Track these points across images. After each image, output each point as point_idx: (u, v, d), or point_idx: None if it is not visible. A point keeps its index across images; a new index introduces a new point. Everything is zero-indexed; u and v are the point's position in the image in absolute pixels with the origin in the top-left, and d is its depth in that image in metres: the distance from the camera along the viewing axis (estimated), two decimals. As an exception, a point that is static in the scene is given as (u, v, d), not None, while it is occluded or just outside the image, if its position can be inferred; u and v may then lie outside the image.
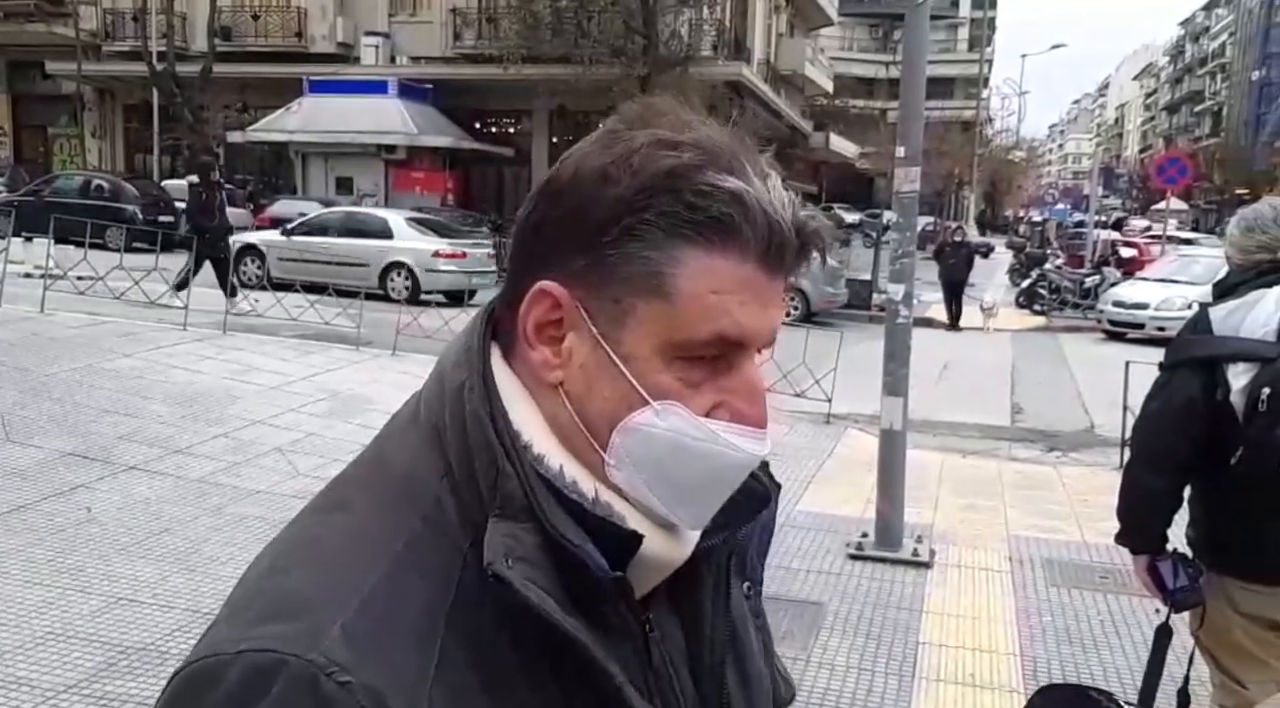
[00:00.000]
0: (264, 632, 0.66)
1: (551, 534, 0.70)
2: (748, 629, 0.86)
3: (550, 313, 0.74)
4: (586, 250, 0.72)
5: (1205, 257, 18.81)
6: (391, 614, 0.68)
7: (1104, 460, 8.16)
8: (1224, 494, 2.51)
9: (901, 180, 5.60)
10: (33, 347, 8.54)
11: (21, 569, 4.51)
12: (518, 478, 0.72)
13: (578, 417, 0.74)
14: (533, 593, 0.68)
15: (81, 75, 27.69)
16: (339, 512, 0.75)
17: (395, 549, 0.70)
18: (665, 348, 0.72)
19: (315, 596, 0.68)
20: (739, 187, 0.71)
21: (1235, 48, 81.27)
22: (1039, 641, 4.59)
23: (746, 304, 0.72)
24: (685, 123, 0.73)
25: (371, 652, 0.66)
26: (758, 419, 0.75)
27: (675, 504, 0.75)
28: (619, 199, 0.70)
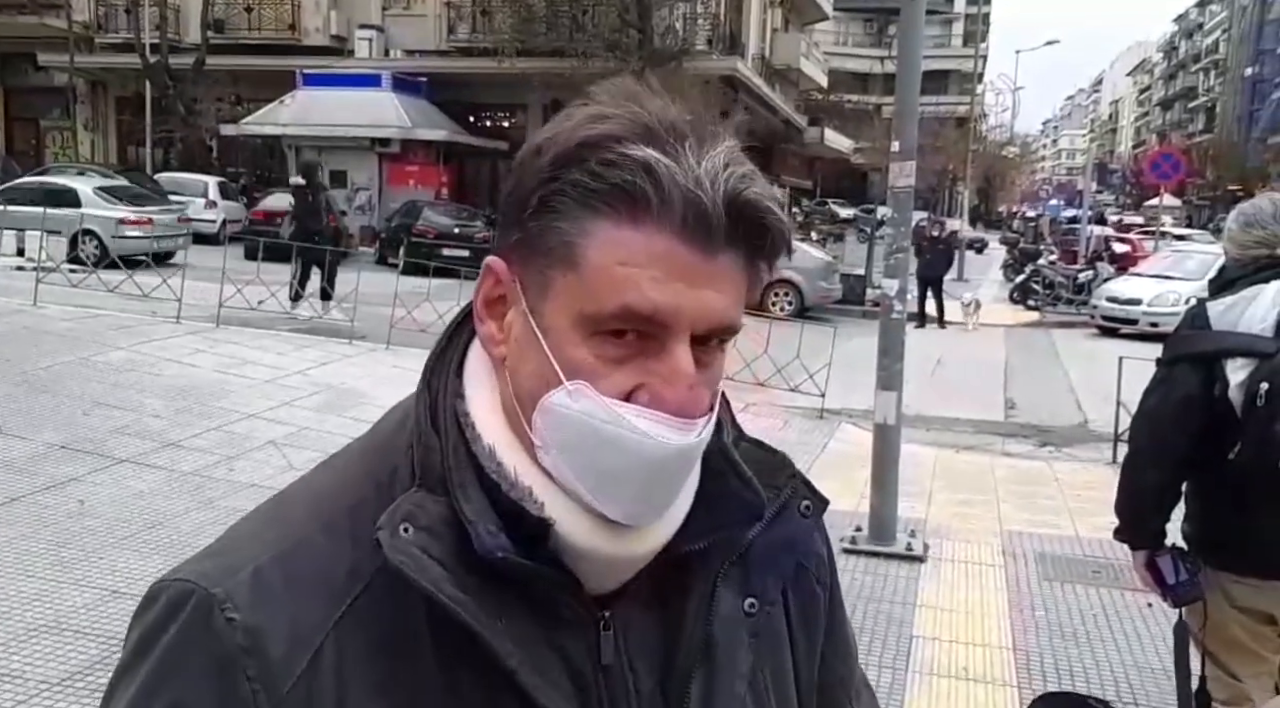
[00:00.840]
0: (196, 566, 0.73)
1: (455, 508, 0.71)
2: (734, 645, 0.81)
3: (495, 288, 0.75)
4: (518, 224, 0.72)
5: (1198, 252, 18.88)
6: (308, 568, 0.72)
7: (1097, 456, 8.18)
8: (1221, 489, 2.51)
9: (896, 175, 5.60)
10: (25, 339, 8.51)
11: (14, 562, 4.50)
12: (440, 451, 0.73)
13: (515, 394, 0.74)
14: (408, 559, 0.68)
15: (74, 67, 27.50)
16: (322, 470, 0.81)
17: (338, 510, 0.74)
18: (578, 321, 0.70)
19: (248, 539, 0.75)
20: (648, 156, 0.68)
21: (1229, 44, 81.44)
22: (1032, 635, 4.60)
23: (661, 281, 0.68)
24: (634, 99, 0.71)
25: (271, 598, 0.70)
26: (677, 404, 0.70)
27: (598, 492, 0.71)
28: (539, 170, 0.71)
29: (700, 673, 0.79)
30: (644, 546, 0.75)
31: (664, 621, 0.80)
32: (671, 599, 0.80)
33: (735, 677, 0.81)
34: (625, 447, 0.70)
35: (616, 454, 0.70)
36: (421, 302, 10.67)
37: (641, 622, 0.79)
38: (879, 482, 5.69)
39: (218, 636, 0.69)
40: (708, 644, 0.79)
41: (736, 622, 0.81)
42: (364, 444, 0.81)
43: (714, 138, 0.71)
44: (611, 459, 0.70)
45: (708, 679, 0.79)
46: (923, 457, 7.66)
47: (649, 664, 0.79)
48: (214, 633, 0.69)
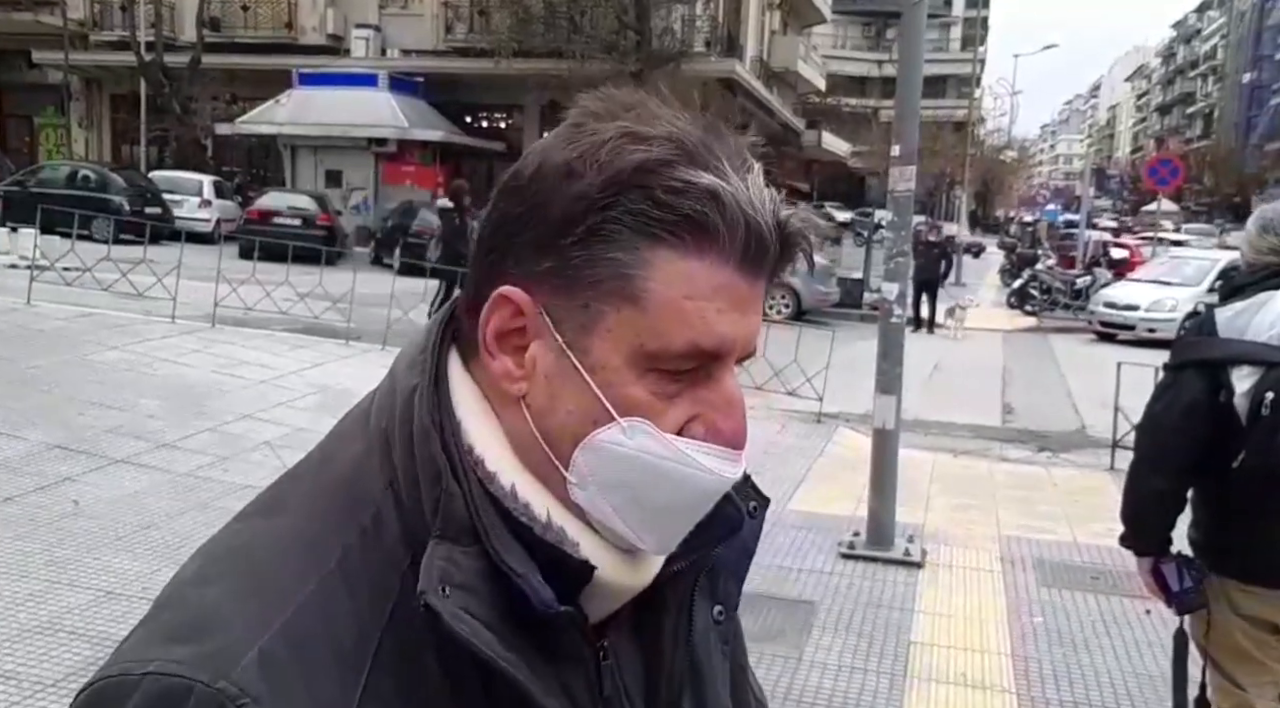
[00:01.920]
0: (175, 653, 0.61)
1: (495, 561, 0.66)
2: (711, 658, 0.81)
3: (512, 320, 0.69)
4: (550, 252, 0.66)
5: (1196, 259, 18.91)
6: (315, 639, 0.64)
7: (1095, 461, 8.17)
8: (1226, 497, 2.50)
9: (897, 179, 5.58)
10: (19, 338, 8.47)
11: (8, 563, 4.46)
12: (463, 497, 0.67)
13: (539, 431, 0.69)
14: (465, 625, 0.63)
15: (69, 65, 27.44)
16: (275, 516, 0.71)
17: (327, 565, 0.66)
18: (637, 358, 0.66)
19: (234, 613, 0.64)
20: (715, 183, 0.65)
21: (1226, 50, 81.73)
22: (1030, 641, 4.59)
23: (724, 312, 0.66)
24: (655, 115, 0.68)
25: (288, 681, 0.61)
26: (734, 435, 0.69)
27: (641, 529, 0.69)
28: (583, 196, 0.65)
29: (689, 692, 0.78)
30: (650, 573, 0.75)
31: (644, 643, 0.79)
32: (647, 620, 0.79)
33: (719, 688, 0.82)
34: (686, 483, 0.68)
35: (673, 490, 0.69)
36: (418, 303, 10.67)
37: (626, 648, 0.77)
38: (877, 487, 5.67)
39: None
40: (692, 663, 0.79)
41: (711, 633, 0.81)
42: (323, 481, 0.72)
43: (741, 154, 0.69)
44: (666, 495, 0.69)
45: (696, 697, 0.79)
46: (920, 462, 7.64)
47: (639, 688, 0.78)
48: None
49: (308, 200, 21.31)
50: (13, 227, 13.68)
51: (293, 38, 27.91)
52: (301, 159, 25.24)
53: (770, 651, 4.26)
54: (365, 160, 24.75)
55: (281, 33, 28.01)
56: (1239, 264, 2.77)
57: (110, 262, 11.25)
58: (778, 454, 7.50)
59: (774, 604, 4.80)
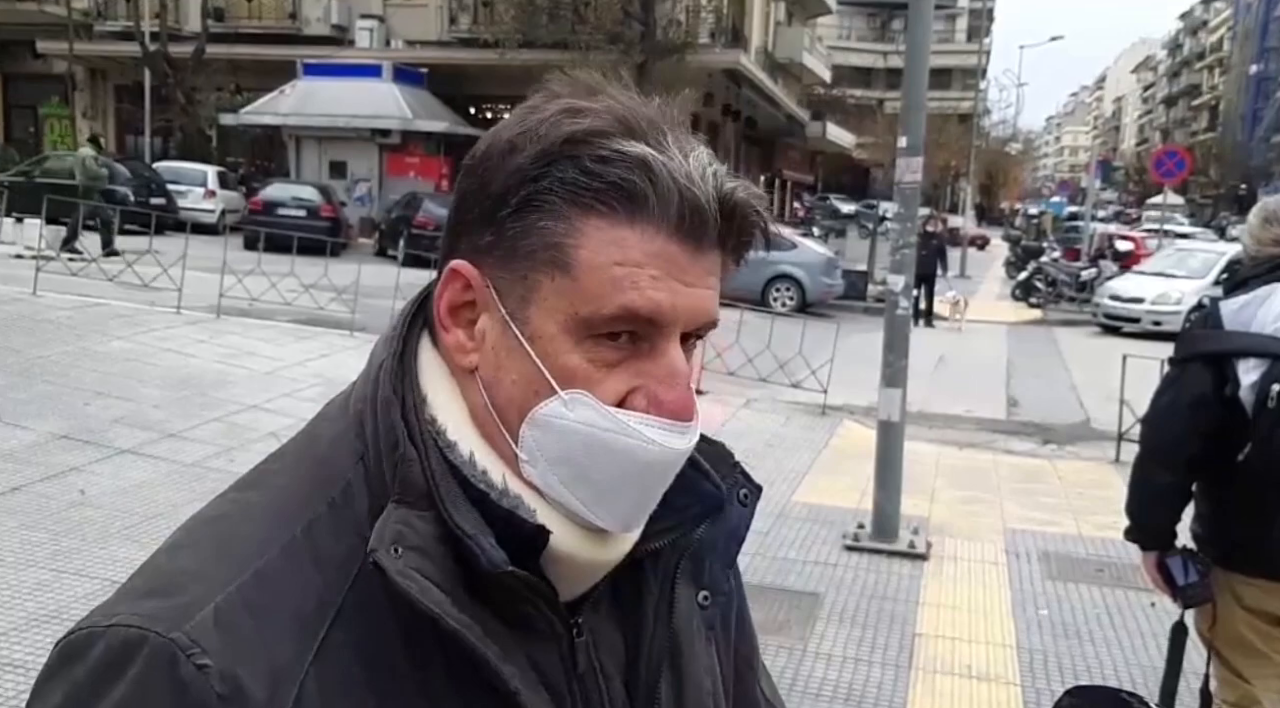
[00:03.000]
0: (137, 607, 0.65)
1: (448, 524, 0.67)
2: (693, 640, 0.80)
3: (463, 294, 0.71)
4: (491, 225, 0.69)
5: (1201, 251, 18.86)
6: (272, 600, 0.65)
7: (1099, 454, 8.16)
8: (1231, 490, 2.50)
9: (903, 170, 5.57)
10: (25, 328, 8.49)
11: (15, 552, 4.48)
12: (420, 463, 0.68)
13: (491, 404, 0.70)
14: (412, 583, 0.64)
15: (73, 55, 27.43)
16: (251, 490, 0.74)
17: (293, 533, 0.68)
18: (571, 325, 0.67)
19: (196, 574, 0.66)
20: (644, 152, 0.66)
21: (1233, 42, 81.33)
22: (1035, 633, 4.59)
23: (659, 279, 0.67)
24: (602, 92, 0.70)
25: (240, 636, 0.63)
26: (676, 405, 0.69)
27: (594, 504, 0.69)
28: (518, 168, 0.67)
29: (667, 673, 0.78)
30: (620, 549, 0.75)
31: (624, 622, 0.79)
32: (628, 599, 0.79)
33: (699, 672, 0.81)
34: (630, 455, 0.69)
35: (619, 463, 0.69)
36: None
37: (604, 625, 0.78)
38: (882, 479, 5.67)
39: (187, 687, 0.61)
40: (673, 645, 0.79)
41: (694, 617, 0.80)
42: (299, 456, 0.75)
43: (687, 132, 0.70)
44: (612, 468, 0.69)
45: (675, 678, 0.79)
46: (925, 454, 7.64)
47: (617, 668, 0.78)
48: (182, 685, 0.61)
49: (312, 191, 21.30)
50: (18, 217, 13.68)
51: (297, 28, 27.88)
52: (306, 150, 25.21)
53: (775, 642, 4.26)
54: (369, 151, 24.71)
55: (286, 23, 27.98)
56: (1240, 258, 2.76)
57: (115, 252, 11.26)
58: (782, 447, 7.50)
59: (779, 596, 4.81)
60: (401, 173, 24.38)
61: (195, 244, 11.31)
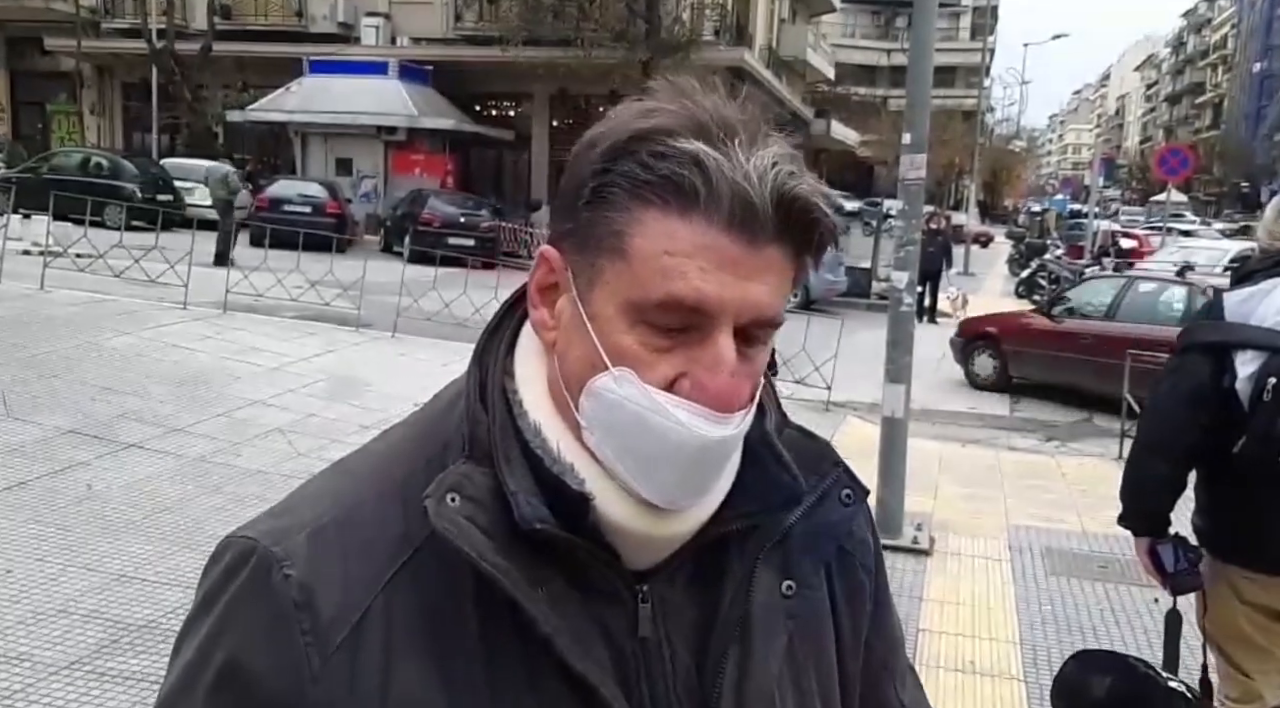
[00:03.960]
0: (260, 524, 0.78)
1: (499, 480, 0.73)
2: (770, 625, 0.82)
3: (548, 276, 0.77)
4: (570, 214, 0.75)
5: (1206, 249, 18.82)
6: (360, 533, 0.75)
7: (1102, 451, 8.17)
8: (1227, 483, 2.50)
9: (907, 167, 5.58)
10: (33, 324, 8.52)
11: (22, 545, 4.51)
12: (486, 424, 0.76)
13: (562, 376, 0.76)
14: (453, 526, 0.71)
15: (80, 52, 27.47)
16: (380, 441, 0.85)
17: (393, 480, 0.78)
18: (625, 308, 0.72)
19: (306, 503, 0.79)
20: (698, 149, 0.70)
21: (1237, 40, 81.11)
22: (1038, 629, 4.60)
23: (709, 271, 0.70)
24: (687, 94, 0.74)
25: (325, 556, 0.74)
26: (719, 393, 0.72)
27: (638, 476, 0.74)
28: (590, 162, 0.73)
29: (735, 651, 0.80)
30: (681, 526, 0.77)
31: (702, 600, 0.81)
32: (710, 579, 0.82)
33: (770, 656, 0.82)
34: (663, 434, 0.72)
35: (655, 441, 0.72)
36: (427, 290, 10.67)
37: (680, 599, 0.80)
38: (886, 475, 5.68)
39: (274, 591, 0.73)
40: (744, 624, 0.81)
41: (774, 603, 0.82)
42: (418, 418, 0.84)
43: (765, 136, 0.73)
44: (650, 445, 0.73)
45: (743, 658, 0.81)
46: (928, 450, 7.65)
47: (686, 641, 0.80)
48: (271, 589, 0.73)
49: (318, 188, 21.32)
50: (25, 213, 13.71)
51: (303, 26, 27.91)
52: (312, 147, 25.24)
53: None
54: (375, 148, 24.73)
55: (292, 20, 28.01)
56: (1248, 253, 2.77)
57: (122, 248, 11.30)
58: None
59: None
60: (407, 170, 24.39)
61: (202, 240, 11.33)
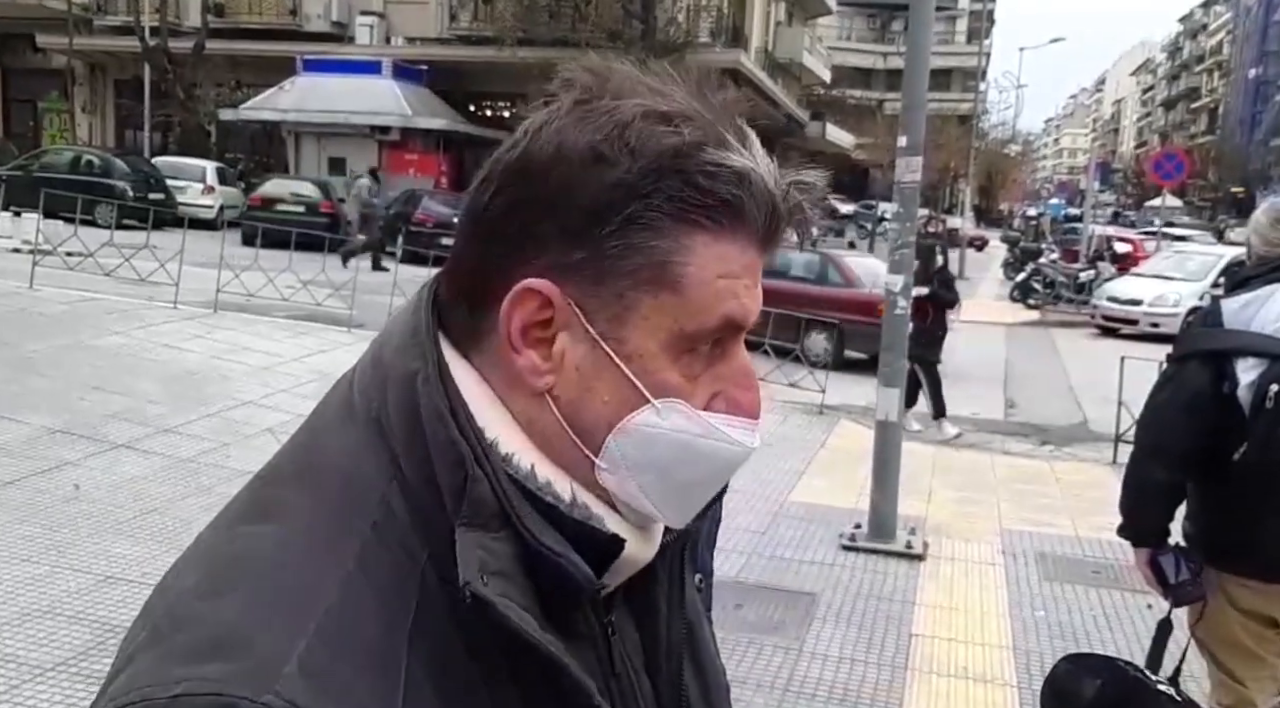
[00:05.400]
0: (205, 671, 0.57)
1: (530, 543, 0.64)
2: (702, 623, 0.82)
3: (539, 313, 0.66)
4: (583, 242, 0.64)
5: (1200, 254, 18.86)
6: (349, 642, 0.60)
7: (1097, 456, 8.17)
8: (1225, 490, 2.48)
9: (903, 170, 5.56)
10: (21, 322, 8.47)
11: (8, 546, 4.46)
12: (489, 482, 0.64)
13: (568, 423, 0.67)
14: (513, 613, 0.62)
15: (72, 50, 27.37)
16: (272, 521, 0.66)
17: (346, 567, 0.62)
18: (675, 342, 0.66)
19: (260, 624, 0.59)
20: (745, 165, 0.66)
21: (1233, 45, 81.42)
22: (1032, 634, 4.58)
23: (751, 288, 0.68)
24: (657, 89, 0.67)
25: (331, 687, 0.58)
26: (752, 406, 0.71)
27: (664, 504, 0.70)
28: (620, 183, 0.63)
29: (687, 659, 0.79)
30: (656, 544, 0.75)
31: (638, 614, 0.78)
32: (637, 592, 0.78)
33: (713, 654, 0.83)
34: (715, 456, 0.70)
35: (704, 465, 0.70)
36: (420, 290, 10.61)
37: (624, 620, 0.77)
38: (880, 479, 5.66)
39: None
40: (689, 633, 0.80)
41: (696, 600, 0.82)
42: (317, 476, 0.67)
43: (737, 121, 0.69)
44: (694, 470, 0.70)
45: (694, 662, 0.80)
46: (922, 454, 7.64)
47: (639, 661, 0.77)
48: None
49: (311, 187, 21.27)
50: (16, 211, 13.65)
51: (297, 24, 27.85)
52: (305, 146, 25.21)
53: (771, 642, 4.25)
54: (368, 148, 24.69)
55: (286, 19, 27.94)
56: (1243, 258, 2.75)
57: (113, 247, 11.25)
58: (779, 446, 7.49)
59: (775, 596, 4.80)
60: (401, 169, 24.36)
61: (193, 239, 11.29)
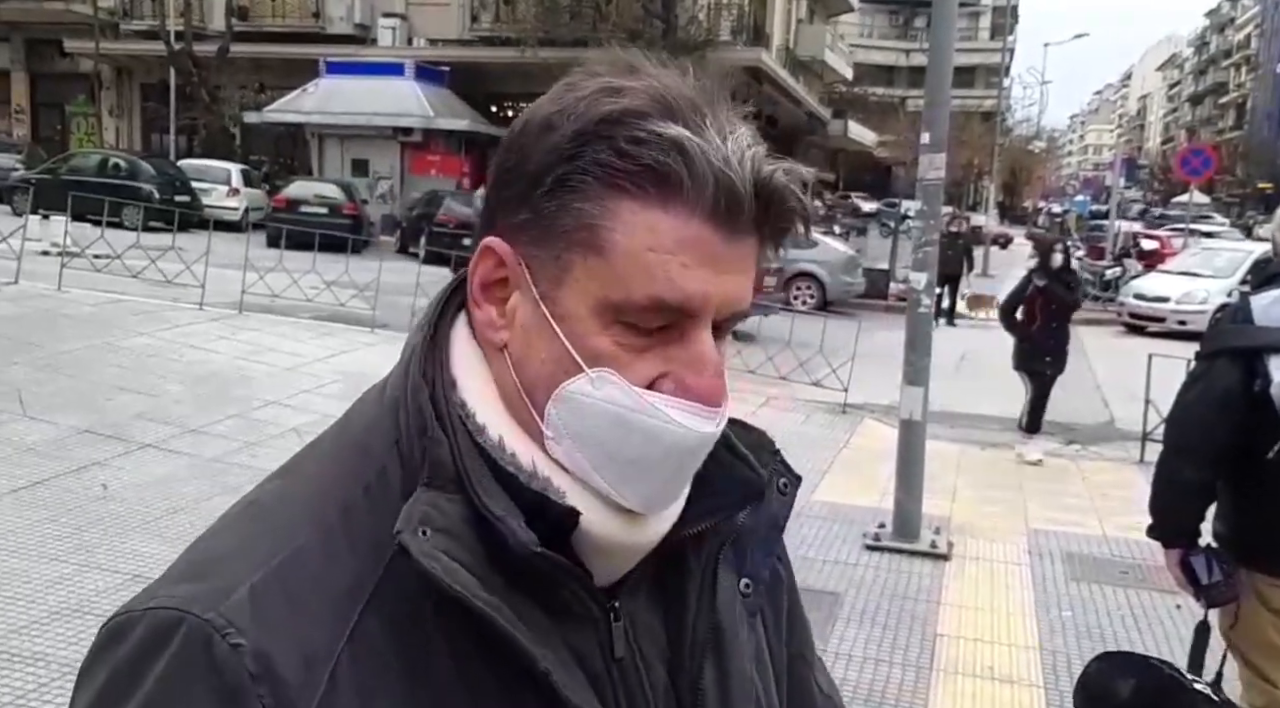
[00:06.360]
0: (174, 591, 0.66)
1: (477, 506, 0.66)
2: (737, 627, 0.80)
3: (495, 271, 0.70)
4: (527, 204, 0.68)
5: (1228, 250, 18.63)
6: (307, 581, 0.66)
7: (1124, 455, 8.08)
8: (1257, 489, 2.45)
9: (926, 167, 5.53)
10: (50, 324, 8.56)
11: (37, 545, 4.51)
12: (449, 445, 0.68)
13: (519, 382, 0.70)
14: (437, 564, 0.63)
15: (99, 54, 27.68)
16: (289, 476, 0.74)
17: (329, 518, 0.68)
18: (602, 308, 0.66)
19: (231, 556, 0.67)
20: (680, 134, 0.64)
21: (1261, 40, 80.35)
22: (1059, 635, 4.54)
23: (691, 267, 0.65)
24: (643, 70, 0.68)
25: (274, 617, 0.64)
26: (705, 393, 0.68)
27: (620, 483, 0.69)
28: (554, 147, 0.66)
29: (711, 659, 0.77)
30: (652, 532, 0.74)
31: (666, 608, 0.78)
32: (670, 585, 0.78)
33: (743, 659, 0.80)
34: (654, 435, 0.68)
35: (643, 443, 0.68)
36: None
37: (646, 611, 0.77)
38: (904, 478, 5.62)
39: (221, 666, 0.62)
40: (716, 632, 0.78)
41: (735, 603, 0.80)
42: (336, 443, 0.75)
43: (730, 114, 0.68)
44: (637, 448, 0.68)
45: (719, 665, 0.78)
46: (947, 453, 7.58)
47: (657, 653, 0.77)
48: (216, 663, 0.62)
49: (334, 189, 21.40)
50: (44, 214, 13.79)
51: (320, 27, 28.03)
52: (328, 148, 25.35)
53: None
54: (391, 149, 24.81)
55: (309, 22, 28.14)
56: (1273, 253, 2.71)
57: (140, 249, 11.36)
58: (802, 445, 7.46)
59: (798, 595, 4.78)
60: (423, 170, 24.47)
61: (218, 241, 11.38)
